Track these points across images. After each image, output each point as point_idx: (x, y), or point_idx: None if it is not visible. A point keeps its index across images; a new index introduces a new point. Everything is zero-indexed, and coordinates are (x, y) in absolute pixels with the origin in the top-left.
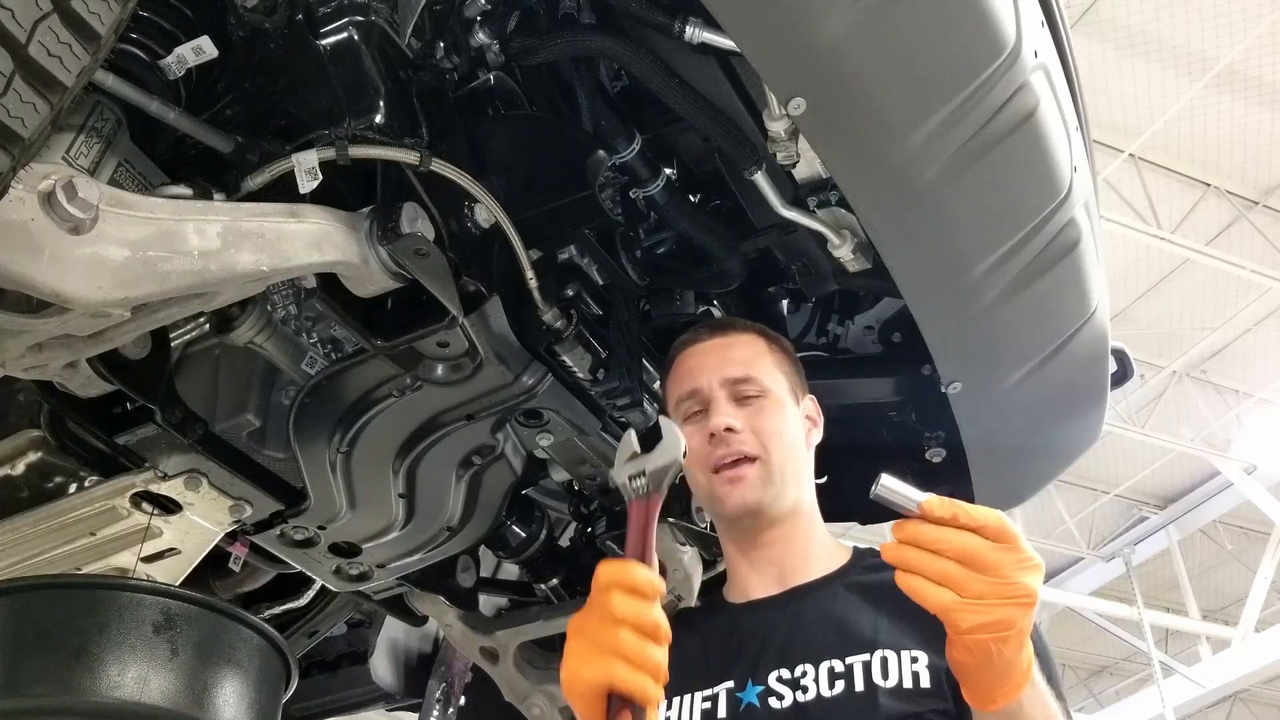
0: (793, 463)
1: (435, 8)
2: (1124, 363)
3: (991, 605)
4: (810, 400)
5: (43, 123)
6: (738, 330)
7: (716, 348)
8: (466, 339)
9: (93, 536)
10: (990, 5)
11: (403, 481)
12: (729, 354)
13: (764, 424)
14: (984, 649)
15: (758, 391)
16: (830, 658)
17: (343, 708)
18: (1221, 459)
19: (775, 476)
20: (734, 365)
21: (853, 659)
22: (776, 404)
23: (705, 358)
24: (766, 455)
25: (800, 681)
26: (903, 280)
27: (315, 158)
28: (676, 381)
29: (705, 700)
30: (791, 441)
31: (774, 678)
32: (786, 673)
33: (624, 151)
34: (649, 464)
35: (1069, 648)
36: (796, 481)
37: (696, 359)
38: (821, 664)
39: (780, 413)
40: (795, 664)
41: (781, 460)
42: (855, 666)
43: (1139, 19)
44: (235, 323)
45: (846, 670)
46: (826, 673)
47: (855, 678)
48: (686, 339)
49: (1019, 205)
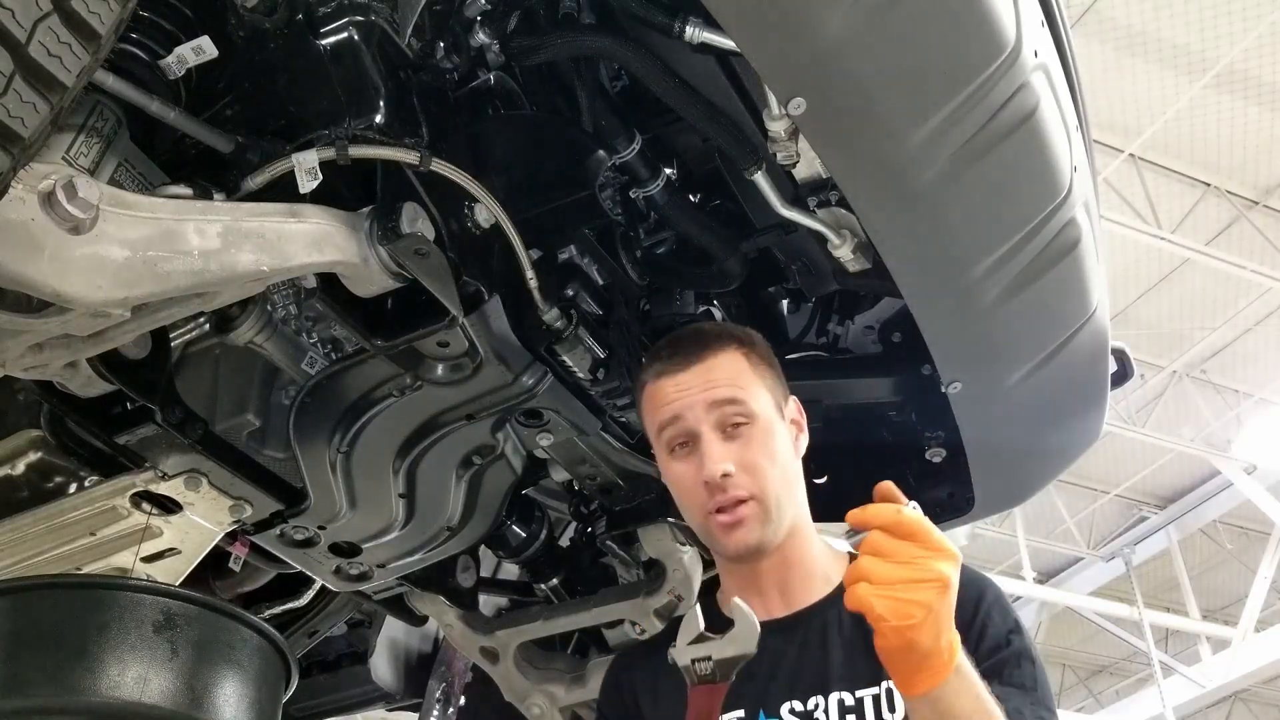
0: (787, 490)
1: (435, 8)
2: (1124, 363)
3: (898, 589)
4: (794, 403)
5: (43, 123)
6: (714, 349)
7: (697, 374)
8: (466, 339)
9: (93, 536)
10: (990, 5)
11: (403, 481)
12: (711, 377)
13: (755, 459)
14: (899, 635)
15: (744, 417)
16: (840, 689)
17: (343, 708)
18: (1221, 459)
19: (773, 513)
20: (718, 389)
21: (863, 692)
22: (764, 431)
23: (685, 385)
24: (763, 494)
25: (813, 714)
26: (903, 280)
27: (315, 158)
28: (655, 408)
29: None
30: (784, 468)
31: (786, 710)
32: (799, 705)
33: (624, 151)
34: (717, 651)
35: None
36: (792, 505)
37: (675, 386)
38: (831, 696)
39: (770, 440)
40: (807, 696)
41: (778, 494)
42: (865, 701)
43: (1139, 19)
44: (235, 323)
45: (857, 704)
46: (837, 706)
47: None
48: (660, 367)
49: (1019, 205)
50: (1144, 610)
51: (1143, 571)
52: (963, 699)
